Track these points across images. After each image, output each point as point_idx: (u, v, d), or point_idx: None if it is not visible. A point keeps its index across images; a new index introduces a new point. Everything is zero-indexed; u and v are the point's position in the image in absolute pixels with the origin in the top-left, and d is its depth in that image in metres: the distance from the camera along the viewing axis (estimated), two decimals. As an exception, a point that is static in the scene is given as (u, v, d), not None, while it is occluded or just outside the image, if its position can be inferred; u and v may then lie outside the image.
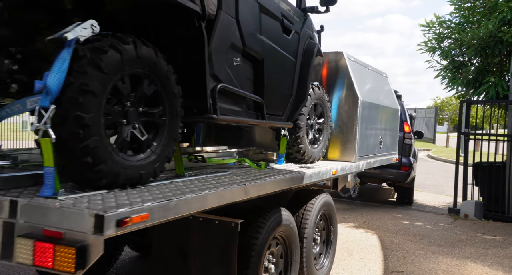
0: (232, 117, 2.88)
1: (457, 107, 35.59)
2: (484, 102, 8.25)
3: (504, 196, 7.52)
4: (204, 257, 2.77)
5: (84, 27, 1.94)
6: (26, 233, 1.71)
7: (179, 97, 2.41)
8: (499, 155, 8.07)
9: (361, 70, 5.39)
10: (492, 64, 8.14)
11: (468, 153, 7.96)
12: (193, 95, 2.56)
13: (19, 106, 1.86)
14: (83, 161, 1.89)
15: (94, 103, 1.88)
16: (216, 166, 3.42)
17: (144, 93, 2.22)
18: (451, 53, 8.69)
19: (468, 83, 8.47)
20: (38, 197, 1.81)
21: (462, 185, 7.87)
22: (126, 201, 1.86)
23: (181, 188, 2.31)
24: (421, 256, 5.19)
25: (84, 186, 2.00)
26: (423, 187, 11.28)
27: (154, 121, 2.31)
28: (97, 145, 1.91)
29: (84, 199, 1.84)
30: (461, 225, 7.02)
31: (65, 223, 1.67)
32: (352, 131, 4.80)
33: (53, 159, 1.81)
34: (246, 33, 2.94)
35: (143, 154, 2.24)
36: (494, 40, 7.71)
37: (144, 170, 2.21)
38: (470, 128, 8.00)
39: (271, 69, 3.33)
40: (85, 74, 1.86)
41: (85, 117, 1.84)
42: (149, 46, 2.18)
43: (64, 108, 1.82)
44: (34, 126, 1.78)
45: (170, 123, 2.37)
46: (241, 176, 2.96)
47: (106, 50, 1.94)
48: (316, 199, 4.02)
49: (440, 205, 8.88)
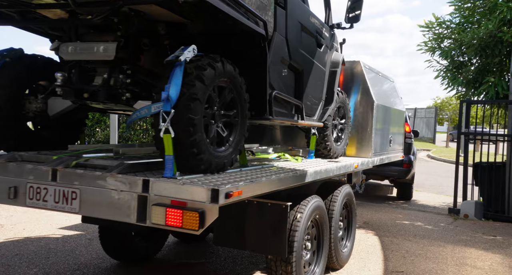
0: (282, 118, 3.51)
1: (457, 107, 35.51)
2: (484, 102, 8.16)
3: (504, 196, 7.46)
4: (259, 232, 3.38)
5: (189, 50, 2.58)
6: (158, 203, 2.34)
7: (247, 102, 3.05)
8: (499, 155, 8.04)
9: (374, 76, 6.05)
10: (492, 64, 8.09)
11: (468, 153, 7.93)
12: (255, 101, 3.20)
13: (146, 110, 2.49)
14: (190, 151, 2.52)
15: (199, 108, 2.52)
16: (261, 159, 4.06)
17: (225, 99, 2.86)
18: (451, 53, 8.62)
19: (468, 83, 8.42)
20: (163, 177, 2.44)
21: (462, 185, 7.86)
22: (225, 181, 2.50)
23: (250, 174, 2.95)
24: (421, 256, 5.17)
25: (187, 170, 2.63)
26: (423, 187, 11.35)
27: (230, 122, 2.95)
28: (200, 139, 2.54)
29: (195, 179, 2.48)
30: (461, 225, 7.01)
31: (188, 195, 2.31)
32: (369, 130, 5.46)
33: (172, 150, 2.44)
34: (292, 49, 3.59)
35: (224, 147, 2.88)
36: (494, 40, 7.63)
37: (226, 159, 2.85)
38: (469, 128, 8.00)
39: (308, 77, 3.98)
40: (194, 86, 2.49)
41: (194, 118, 2.48)
42: (230, 63, 2.82)
43: (180, 112, 2.45)
44: (161, 125, 2.41)
45: (241, 122, 3.02)
46: (289, 167, 3.60)
47: (205, 68, 2.57)
48: (340, 189, 4.64)
49: (440, 205, 8.90)
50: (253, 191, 2.65)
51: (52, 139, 3.37)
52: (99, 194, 2.48)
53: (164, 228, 2.34)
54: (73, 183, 2.55)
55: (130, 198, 2.41)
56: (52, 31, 3.19)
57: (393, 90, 7.00)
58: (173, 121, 2.45)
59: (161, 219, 2.31)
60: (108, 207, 2.46)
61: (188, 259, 4.61)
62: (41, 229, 5.58)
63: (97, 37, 2.87)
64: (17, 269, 4.14)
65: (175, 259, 4.62)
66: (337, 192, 4.54)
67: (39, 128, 3.34)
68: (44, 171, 2.62)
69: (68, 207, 2.55)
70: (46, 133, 3.34)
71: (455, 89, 8.78)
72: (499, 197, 7.50)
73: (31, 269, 4.13)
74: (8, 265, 4.22)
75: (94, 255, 4.64)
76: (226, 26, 2.88)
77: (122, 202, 2.43)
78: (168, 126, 2.42)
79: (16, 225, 5.73)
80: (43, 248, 4.80)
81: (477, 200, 7.72)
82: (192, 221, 2.25)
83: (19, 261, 4.34)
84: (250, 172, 3.02)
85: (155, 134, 2.51)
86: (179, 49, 2.61)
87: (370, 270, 4.61)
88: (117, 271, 4.22)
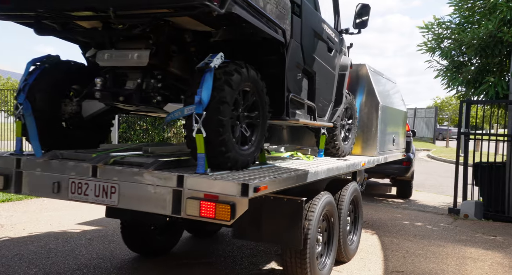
0: (297, 119, 3.76)
1: (457, 107, 35.39)
2: (484, 102, 8.16)
3: (504, 196, 7.45)
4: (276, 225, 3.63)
5: (217, 57, 2.83)
6: (192, 196, 2.59)
7: (267, 104, 3.30)
8: (499, 155, 8.05)
9: (379, 79, 6.32)
10: (492, 64, 8.10)
11: (468, 153, 7.94)
12: (274, 103, 3.45)
13: (179, 112, 2.74)
14: (219, 150, 2.77)
15: (227, 110, 2.77)
16: (276, 157, 4.31)
17: (248, 102, 3.11)
18: (451, 53, 8.64)
19: (468, 83, 8.42)
20: (195, 173, 2.69)
21: (462, 185, 7.85)
22: (251, 177, 2.75)
23: (271, 171, 3.21)
24: (421, 256, 5.16)
25: (215, 167, 2.88)
26: (423, 187, 11.33)
27: (253, 122, 3.20)
28: (228, 139, 2.79)
29: (224, 175, 2.73)
30: (461, 225, 6.99)
31: (220, 189, 2.55)
32: (374, 130, 5.72)
33: (204, 148, 2.69)
34: (306, 54, 3.84)
35: (247, 146, 3.13)
36: (494, 40, 7.64)
37: (249, 157, 3.11)
38: (470, 128, 7.96)
39: (320, 81, 4.23)
40: (223, 91, 2.74)
41: (223, 120, 2.73)
42: (253, 69, 3.07)
43: (211, 114, 2.70)
44: (194, 126, 2.65)
45: (262, 123, 3.27)
46: (304, 164, 3.86)
47: (233, 73, 2.82)
48: (348, 186, 4.89)
49: (440, 205, 8.88)
50: (277, 186, 2.90)
51: (84, 139, 3.63)
52: (136, 188, 2.73)
53: (198, 219, 2.59)
54: (112, 179, 2.80)
55: (165, 192, 2.65)
56: (83, 38, 3.44)
57: (395, 91, 7.27)
58: (204, 122, 2.69)
59: (196, 211, 2.56)
60: (145, 200, 2.71)
61: (188, 259, 4.62)
62: (41, 229, 5.54)
63: (129, 45, 3.12)
64: (17, 269, 4.13)
65: (175, 259, 4.61)
66: (345, 189, 4.79)
67: (71, 128, 3.58)
68: (85, 168, 2.87)
69: (108, 200, 2.80)
70: (79, 133, 3.59)
71: (455, 89, 8.80)
72: (499, 197, 7.49)
73: (31, 269, 4.12)
74: (8, 265, 4.21)
75: (94, 255, 4.63)
76: (248, 34, 3.13)
77: (158, 195, 2.68)
78: (200, 126, 2.67)
79: (16, 225, 5.70)
80: (43, 248, 4.78)
81: (477, 200, 7.72)
82: (224, 213, 2.50)
83: (19, 261, 4.33)
84: (270, 169, 3.27)
85: (187, 134, 2.75)
86: (208, 56, 2.85)
87: (370, 270, 4.62)
88: (117, 271, 4.21)
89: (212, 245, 5.18)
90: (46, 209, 6.70)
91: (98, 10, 2.71)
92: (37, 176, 3.00)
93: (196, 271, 4.29)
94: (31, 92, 3.19)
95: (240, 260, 4.66)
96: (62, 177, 2.92)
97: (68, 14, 2.86)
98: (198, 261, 4.56)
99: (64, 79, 3.40)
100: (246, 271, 4.34)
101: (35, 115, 3.17)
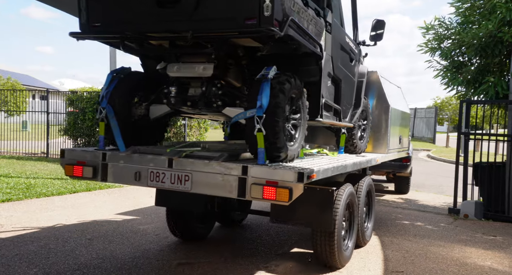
0: (327, 120, 4.40)
1: (457, 107, 35.22)
2: (484, 102, 8.14)
3: (504, 196, 7.48)
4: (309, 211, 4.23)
5: (272, 70, 3.45)
6: (255, 182, 3.21)
7: (307, 108, 3.93)
8: (499, 155, 8.10)
9: (387, 84, 6.99)
10: (492, 64, 8.12)
11: (468, 153, 7.99)
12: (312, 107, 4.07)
13: (242, 115, 3.36)
14: (275, 146, 3.39)
15: (282, 113, 3.39)
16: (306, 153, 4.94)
17: (294, 106, 3.74)
18: (451, 53, 8.68)
19: (468, 83, 8.44)
20: (257, 164, 3.31)
21: (462, 185, 7.89)
22: (302, 167, 3.38)
23: (312, 163, 3.83)
24: (421, 256, 5.19)
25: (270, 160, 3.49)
26: (423, 187, 11.38)
27: (296, 123, 3.83)
28: (282, 137, 3.42)
29: (281, 165, 3.36)
30: (461, 225, 7.01)
31: (279, 176, 3.18)
32: (384, 130, 6.38)
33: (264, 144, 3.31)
34: (334, 65, 4.48)
35: (292, 142, 3.76)
36: (494, 40, 7.68)
37: (295, 152, 3.73)
38: (470, 128, 8.01)
39: (344, 87, 4.87)
40: (278, 97, 3.36)
41: (279, 121, 3.35)
42: (298, 78, 3.69)
43: (269, 116, 3.32)
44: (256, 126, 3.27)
45: (303, 124, 3.90)
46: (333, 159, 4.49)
47: (285, 83, 3.44)
48: (364, 179, 5.53)
49: (440, 205, 8.91)
50: (322, 175, 3.54)
51: (149, 137, 4.24)
52: (207, 176, 3.36)
53: (260, 200, 3.22)
54: (185, 169, 3.42)
55: (232, 179, 3.28)
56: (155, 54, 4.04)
57: (400, 95, 7.96)
58: (264, 123, 3.31)
59: (259, 194, 3.18)
60: (214, 186, 3.34)
61: (188, 259, 4.65)
62: (41, 229, 5.55)
63: (194, 59, 3.73)
64: (17, 269, 4.14)
65: (175, 259, 4.63)
66: (362, 181, 5.43)
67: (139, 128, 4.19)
68: (162, 160, 3.50)
69: (182, 186, 3.43)
70: (145, 131, 4.20)
71: (455, 89, 8.82)
72: (499, 197, 7.53)
73: (31, 269, 4.14)
74: (8, 265, 4.22)
75: (94, 255, 4.65)
76: (291, 49, 3.76)
77: (225, 182, 3.31)
78: (261, 126, 3.29)
79: (16, 225, 5.70)
80: (43, 248, 4.80)
81: (477, 200, 7.76)
82: (283, 195, 3.13)
83: (19, 261, 4.34)
84: (311, 162, 3.91)
85: (248, 133, 3.37)
86: (263, 68, 3.48)
87: (370, 270, 4.65)
88: (117, 271, 4.23)
89: (213, 245, 5.26)
90: (46, 209, 6.75)
91: (177, 32, 3.32)
92: (120, 167, 3.63)
93: (197, 271, 4.33)
94: (112, 98, 3.80)
95: (240, 260, 4.72)
96: (142, 168, 3.54)
97: (149, 35, 3.47)
98: (199, 261, 4.61)
99: (135, 86, 4.02)
100: (246, 271, 4.41)
101: (116, 117, 3.78)
